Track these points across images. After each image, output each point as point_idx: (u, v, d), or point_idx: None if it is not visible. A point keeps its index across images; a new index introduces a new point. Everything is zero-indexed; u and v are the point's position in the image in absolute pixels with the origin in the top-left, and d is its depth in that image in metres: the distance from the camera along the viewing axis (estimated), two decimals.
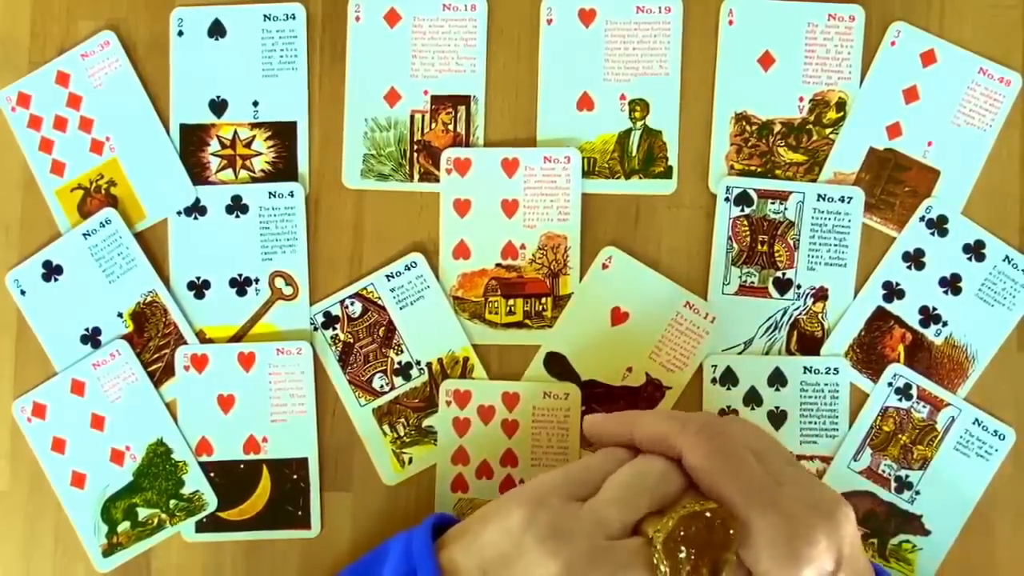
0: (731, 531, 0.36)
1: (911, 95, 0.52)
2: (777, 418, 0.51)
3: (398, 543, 0.41)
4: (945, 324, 0.51)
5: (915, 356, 0.51)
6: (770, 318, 0.51)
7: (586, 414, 0.51)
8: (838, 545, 0.37)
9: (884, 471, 0.51)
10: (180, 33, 0.53)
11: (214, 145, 0.53)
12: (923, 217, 0.51)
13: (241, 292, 0.52)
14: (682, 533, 0.36)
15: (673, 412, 0.41)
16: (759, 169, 0.52)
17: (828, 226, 0.51)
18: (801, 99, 0.52)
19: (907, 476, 0.51)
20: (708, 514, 0.37)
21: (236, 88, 0.53)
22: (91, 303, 0.52)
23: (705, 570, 0.36)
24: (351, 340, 0.52)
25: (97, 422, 0.51)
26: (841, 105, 0.52)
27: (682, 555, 0.36)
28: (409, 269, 0.52)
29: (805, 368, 0.51)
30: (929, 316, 0.51)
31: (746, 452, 0.39)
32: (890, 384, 0.51)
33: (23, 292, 0.52)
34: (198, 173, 0.53)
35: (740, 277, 0.52)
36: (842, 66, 0.52)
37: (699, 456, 0.38)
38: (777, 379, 0.51)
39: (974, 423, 0.50)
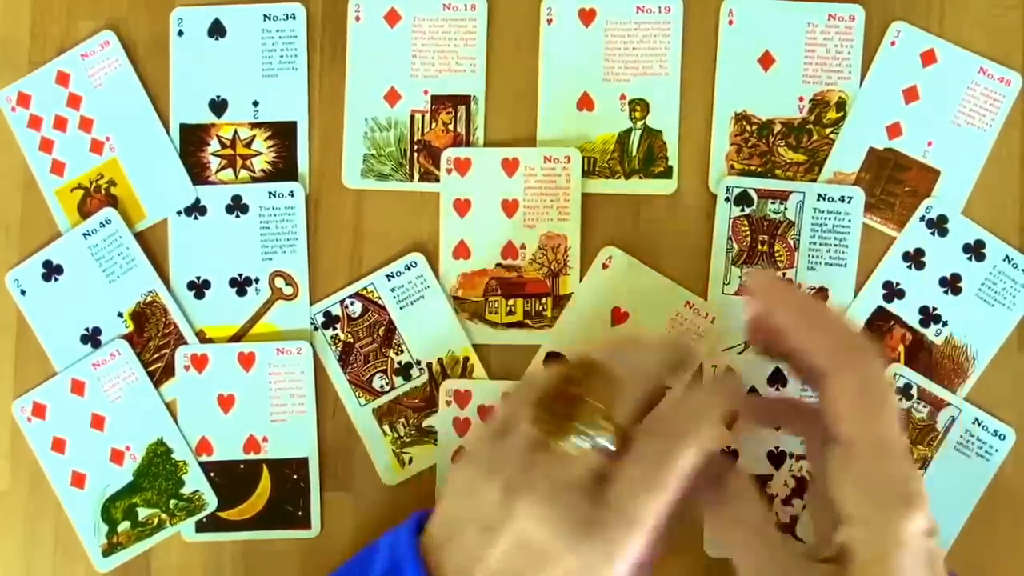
0: (589, 399, 0.38)
1: (911, 95, 0.52)
2: None
3: (387, 538, 0.42)
4: (945, 324, 0.51)
5: (915, 356, 0.51)
6: None
7: None
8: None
9: None
10: (180, 33, 0.53)
11: (214, 145, 0.53)
12: (923, 217, 0.51)
13: (241, 292, 0.52)
14: (542, 403, 0.38)
15: (846, 327, 0.40)
16: (759, 169, 0.52)
17: (828, 226, 0.51)
18: (801, 99, 0.52)
19: None
20: (549, 380, 0.39)
21: (236, 88, 0.53)
22: (91, 303, 0.52)
23: (578, 412, 0.37)
24: (351, 340, 0.52)
25: (97, 422, 0.52)
26: (841, 105, 0.52)
27: (548, 416, 0.38)
28: (409, 269, 0.52)
29: None
30: (929, 316, 0.51)
31: (891, 402, 0.38)
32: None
33: (23, 292, 0.52)
34: (198, 173, 0.53)
35: (740, 277, 0.52)
36: (842, 66, 0.52)
37: (850, 390, 0.37)
38: (777, 379, 0.51)
39: (974, 423, 0.50)
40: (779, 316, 0.39)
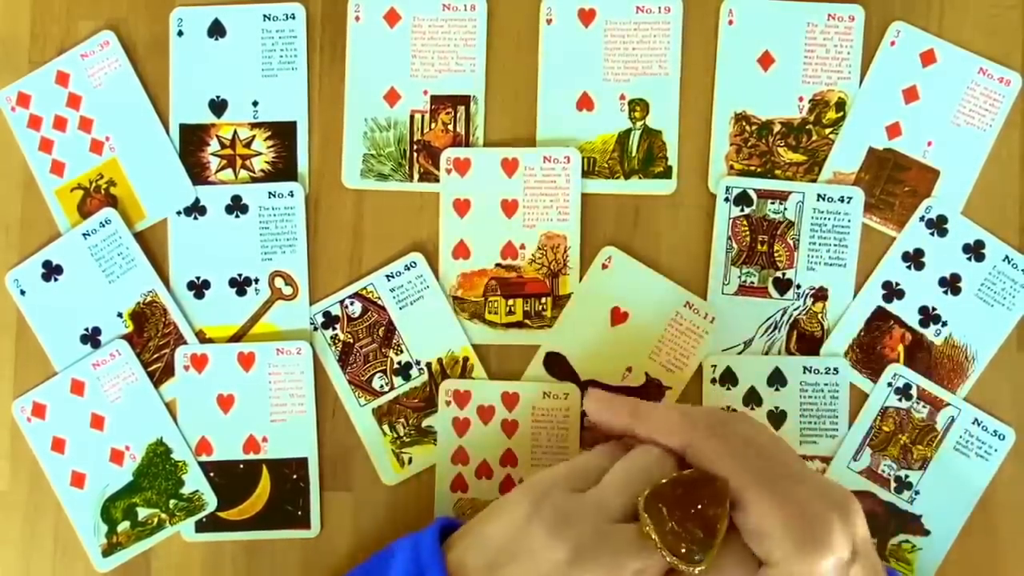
0: (716, 486, 0.37)
1: (911, 95, 0.52)
2: (777, 418, 0.51)
3: (404, 546, 0.42)
4: (945, 324, 0.51)
5: (915, 356, 0.51)
6: (770, 318, 0.52)
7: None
8: (852, 537, 0.37)
9: (884, 471, 0.51)
10: (180, 33, 0.53)
11: (214, 145, 0.53)
12: (923, 217, 0.51)
13: (241, 292, 0.52)
14: (666, 493, 0.37)
15: (678, 408, 0.42)
16: (759, 169, 0.52)
17: (828, 226, 0.51)
18: (801, 99, 0.52)
19: (907, 476, 0.51)
20: (695, 481, 0.37)
21: (236, 88, 0.53)
22: (91, 303, 0.52)
23: (696, 528, 0.37)
24: (351, 340, 0.52)
25: (97, 422, 0.52)
26: (841, 105, 0.52)
27: (664, 511, 0.37)
28: (409, 269, 0.52)
29: (805, 368, 0.51)
30: (929, 316, 0.51)
31: (754, 448, 0.39)
32: (890, 384, 0.51)
33: (23, 292, 0.52)
34: (198, 173, 0.53)
35: (740, 277, 0.52)
36: (842, 66, 0.52)
37: (710, 454, 0.39)
38: (777, 379, 0.51)
39: (974, 423, 0.50)
40: (616, 426, 0.43)
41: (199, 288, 0.52)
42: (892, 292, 0.51)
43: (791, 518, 0.37)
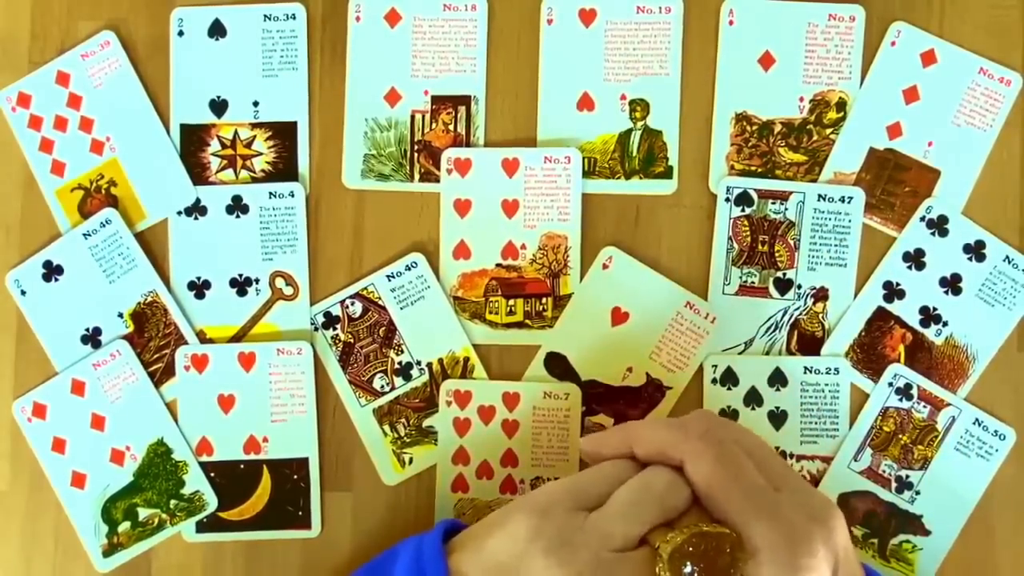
0: (738, 559, 0.36)
1: (911, 95, 0.52)
2: (777, 418, 0.51)
3: (408, 547, 0.42)
4: (945, 324, 0.51)
5: (915, 356, 0.51)
6: (770, 318, 0.52)
7: (586, 415, 0.51)
8: (834, 552, 0.37)
9: (884, 471, 0.51)
10: (180, 33, 0.53)
11: (214, 145, 0.53)
12: (923, 217, 0.51)
13: (241, 292, 0.52)
14: (690, 549, 0.36)
15: (670, 420, 0.41)
16: (759, 169, 0.52)
17: (828, 226, 0.51)
18: (801, 99, 0.52)
19: (907, 476, 0.51)
20: (719, 537, 0.36)
21: (236, 88, 0.53)
22: (91, 303, 0.52)
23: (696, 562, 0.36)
24: (351, 340, 0.52)
25: (97, 422, 0.51)
26: (841, 105, 0.52)
27: (687, 570, 0.36)
28: (409, 269, 0.52)
29: (805, 368, 0.51)
30: (929, 316, 0.51)
31: (745, 458, 0.39)
32: (890, 384, 0.51)
33: (23, 292, 0.52)
34: (198, 173, 0.53)
35: (740, 277, 0.52)
36: (842, 66, 0.52)
37: (701, 463, 0.38)
38: (777, 379, 0.51)
39: (974, 423, 0.51)
40: (609, 455, 0.42)
41: (200, 288, 0.52)
42: (893, 292, 0.51)
43: (777, 539, 0.36)
